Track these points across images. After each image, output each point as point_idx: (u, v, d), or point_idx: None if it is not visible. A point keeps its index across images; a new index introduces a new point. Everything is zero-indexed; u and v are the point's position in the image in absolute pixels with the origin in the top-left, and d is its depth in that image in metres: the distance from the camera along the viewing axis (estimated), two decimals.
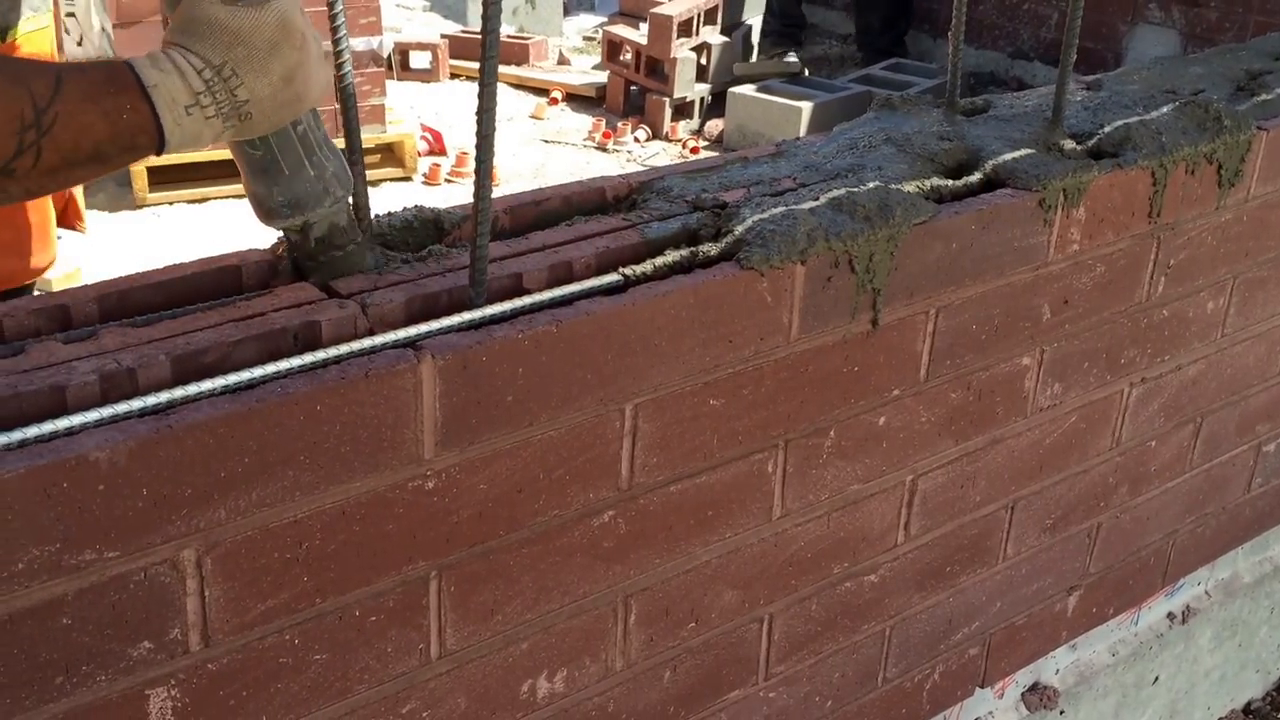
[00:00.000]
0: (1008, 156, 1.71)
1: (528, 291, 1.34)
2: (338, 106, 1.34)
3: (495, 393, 1.25)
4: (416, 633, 1.30)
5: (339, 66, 1.31)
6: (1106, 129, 1.81)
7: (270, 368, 1.14)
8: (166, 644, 1.11)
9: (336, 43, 1.30)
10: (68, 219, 1.65)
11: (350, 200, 1.30)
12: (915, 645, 1.89)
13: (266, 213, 1.24)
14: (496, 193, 1.47)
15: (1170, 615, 2.46)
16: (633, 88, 6.69)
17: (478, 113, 1.24)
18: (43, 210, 1.53)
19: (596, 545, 1.41)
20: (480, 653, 1.36)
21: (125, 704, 1.10)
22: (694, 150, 6.14)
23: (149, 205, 5.06)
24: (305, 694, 1.23)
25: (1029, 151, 1.72)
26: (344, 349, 1.18)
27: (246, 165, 1.22)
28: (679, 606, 1.54)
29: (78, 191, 1.61)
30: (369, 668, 1.27)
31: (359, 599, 1.23)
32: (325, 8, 1.28)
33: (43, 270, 1.58)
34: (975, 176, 1.69)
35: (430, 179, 5.51)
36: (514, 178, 5.54)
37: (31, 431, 1.01)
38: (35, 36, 1.55)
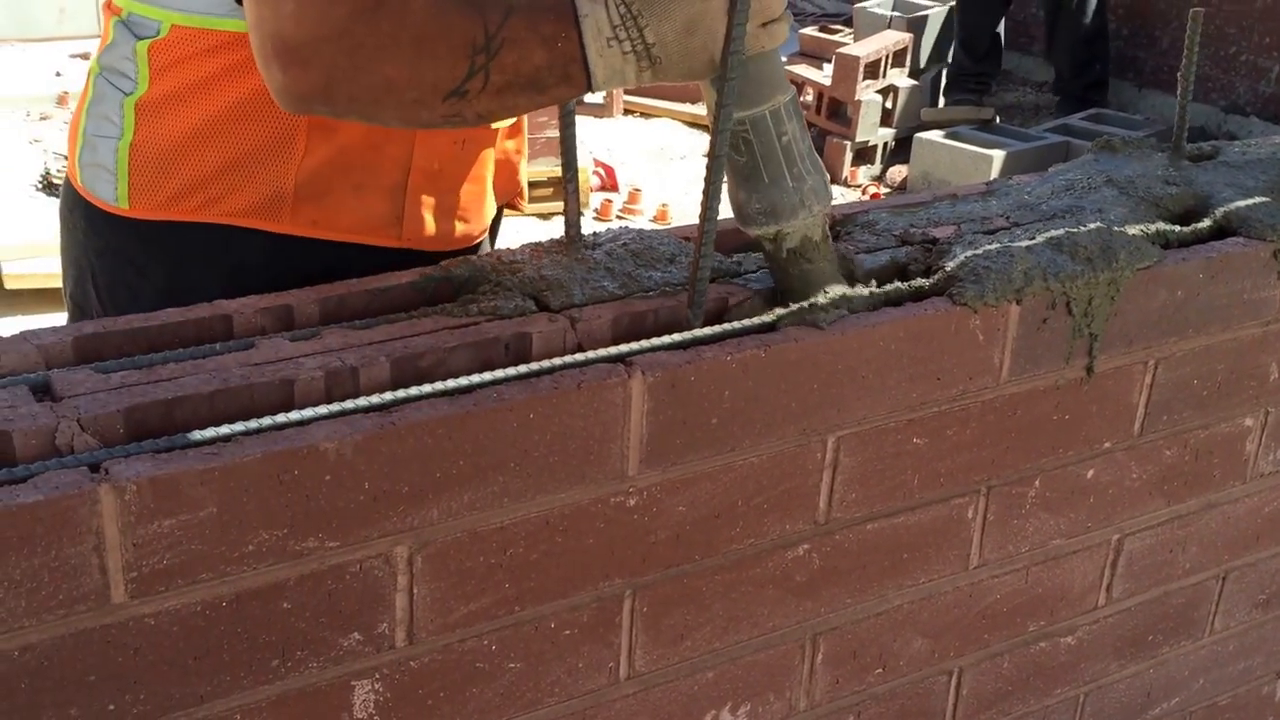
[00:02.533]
0: (1240, 204, 1.72)
1: (734, 315, 1.41)
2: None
3: (701, 414, 1.32)
4: (607, 650, 1.36)
5: None
6: None
7: (487, 375, 1.23)
8: (374, 637, 1.19)
9: None
10: (512, 201, 1.83)
11: (827, 217, 1.38)
12: (1110, 716, 1.89)
13: (744, 219, 1.37)
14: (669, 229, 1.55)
15: None
16: (812, 129, 6.76)
17: (712, 134, 1.31)
18: (481, 182, 1.68)
19: (789, 578, 1.47)
20: (667, 677, 1.42)
21: (332, 692, 1.19)
22: (874, 197, 6.17)
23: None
24: (498, 701, 1.30)
25: (1264, 200, 1.73)
26: (557, 361, 1.26)
27: (732, 171, 1.34)
28: (867, 650, 1.58)
29: (522, 175, 1.79)
30: (559, 681, 1.34)
31: (555, 611, 1.31)
32: None
33: (474, 239, 1.71)
34: (1204, 223, 1.70)
35: (602, 214, 5.65)
36: (685, 216, 5.65)
37: (266, 421, 1.11)
38: None
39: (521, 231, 5.41)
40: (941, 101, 7.13)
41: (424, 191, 1.59)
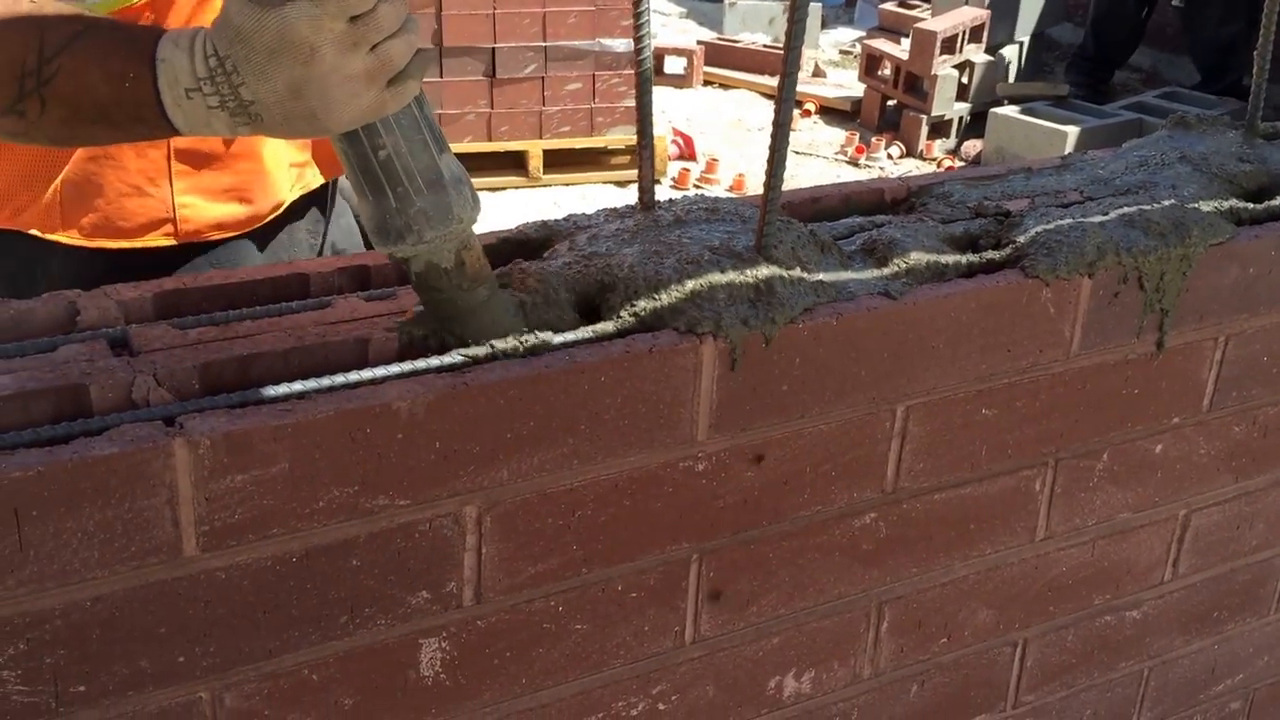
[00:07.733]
0: None
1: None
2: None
3: (771, 380, 1.27)
4: (673, 614, 1.33)
5: (639, 51, 1.36)
6: None
7: (559, 337, 1.19)
8: (442, 596, 1.17)
9: (638, 26, 1.35)
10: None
11: (464, 244, 1.14)
12: (1173, 691, 1.83)
13: (363, 231, 1.21)
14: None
15: None
16: (889, 103, 6.66)
17: (776, 102, 1.27)
18: (256, 159, 1.60)
19: (855, 546, 1.42)
20: (732, 642, 1.39)
21: (400, 649, 1.17)
22: (949, 170, 6.06)
23: (542, 185, 5.56)
24: (563, 662, 1.27)
25: None
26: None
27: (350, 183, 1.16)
28: (932, 619, 1.53)
29: None
30: (625, 644, 1.31)
31: (622, 574, 1.27)
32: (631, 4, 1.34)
33: (264, 218, 1.63)
34: (1277, 201, 1.63)
35: (679, 183, 5.60)
36: (761, 186, 5.58)
37: (339, 379, 1.08)
38: None
39: (599, 198, 5.38)
40: (1018, 76, 6.98)
41: (190, 178, 1.54)
